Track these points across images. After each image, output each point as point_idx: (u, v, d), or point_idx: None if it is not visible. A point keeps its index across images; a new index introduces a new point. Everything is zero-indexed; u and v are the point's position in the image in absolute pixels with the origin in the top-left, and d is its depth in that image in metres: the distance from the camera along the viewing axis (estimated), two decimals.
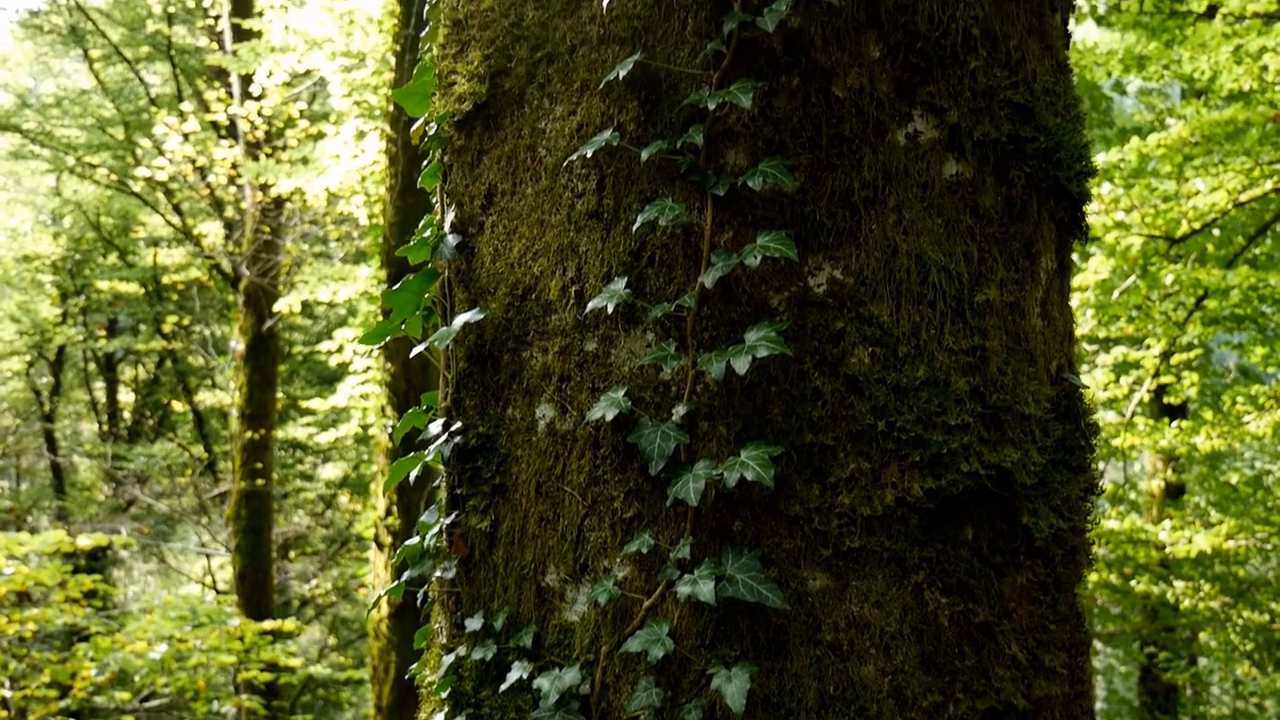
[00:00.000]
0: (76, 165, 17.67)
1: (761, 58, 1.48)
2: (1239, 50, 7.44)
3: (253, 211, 12.57)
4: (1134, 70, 7.48)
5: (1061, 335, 1.65)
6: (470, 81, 1.66)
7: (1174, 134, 8.08)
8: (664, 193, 1.49)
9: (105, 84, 17.53)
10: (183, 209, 16.07)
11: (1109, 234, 8.29)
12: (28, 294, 20.52)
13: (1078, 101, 1.66)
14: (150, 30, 15.69)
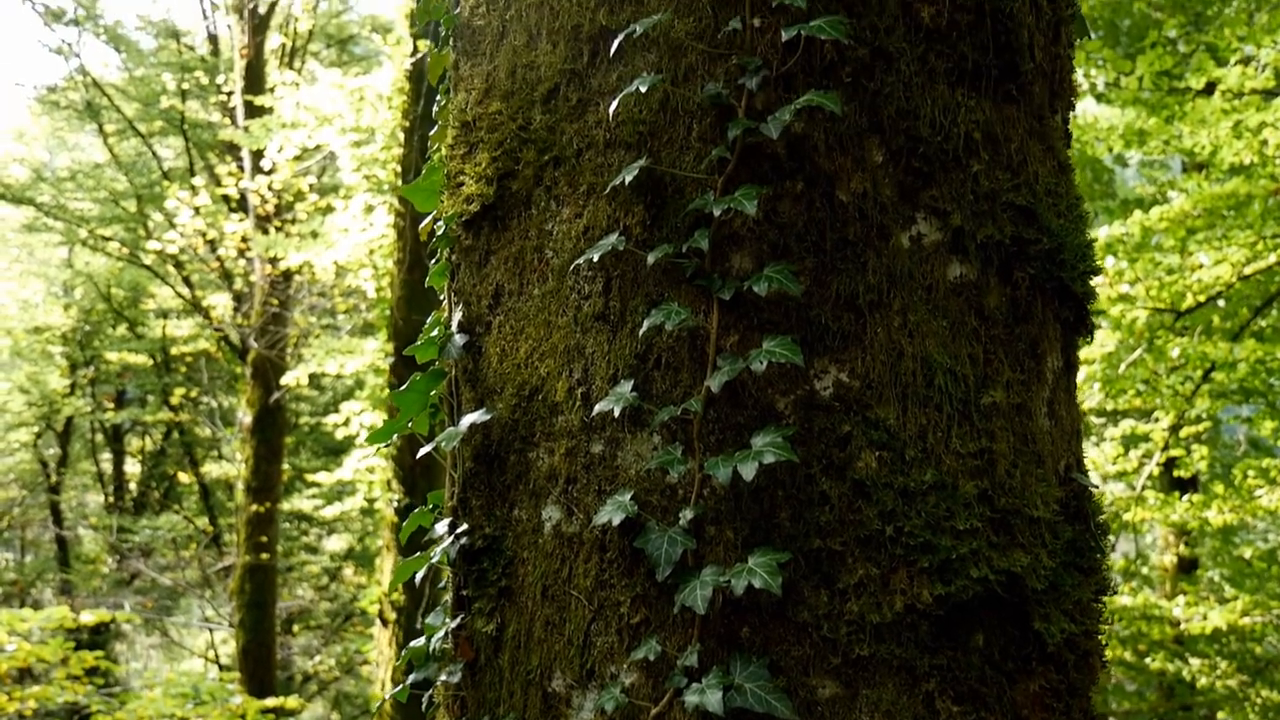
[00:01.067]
0: (89, 238, 17.85)
1: (765, 163, 1.49)
2: (1239, 125, 7.51)
3: (262, 284, 12.66)
4: (1134, 145, 7.55)
5: (1069, 434, 1.64)
6: (478, 183, 1.68)
7: (1176, 207, 8.13)
8: (670, 296, 1.50)
9: (119, 158, 17.78)
10: (193, 281, 16.20)
11: (1114, 307, 8.30)
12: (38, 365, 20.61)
13: (1080, 201, 1.67)
14: (164, 105, 15.95)
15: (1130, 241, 8.02)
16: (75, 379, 20.51)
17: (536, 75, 1.63)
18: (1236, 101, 7.42)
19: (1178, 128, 7.41)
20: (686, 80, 1.53)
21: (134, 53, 17.86)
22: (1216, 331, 9.34)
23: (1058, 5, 1.66)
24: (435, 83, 1.91)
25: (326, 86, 10.74)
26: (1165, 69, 7.37)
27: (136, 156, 18.01)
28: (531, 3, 1.64)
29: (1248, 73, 7.06)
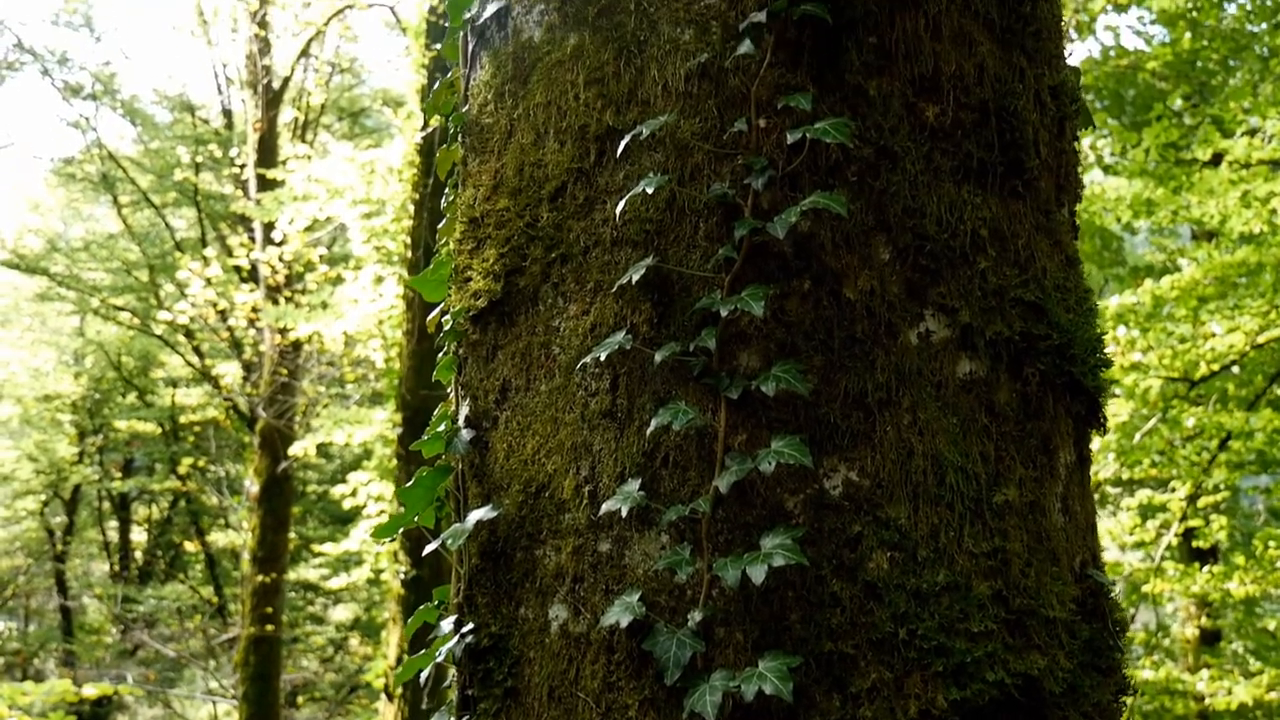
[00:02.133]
0: (101, 307, 17.98)
1: (772, 261, 1.49)
2: (1247, 195, 7.54)
3: (271, 354, 12.71)
4: (1143, 215, 7.58)
5: (1084, 529, 1.62)
6: (486, 279, 1.68)
7: (1187, 276, 8.13)
8: (677, 394, 1.49)
9: (133, 228, 17.97)
10: (203, 350, 16.27)
11: (1127, 376, 8.27)
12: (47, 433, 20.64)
13: (1089, 294, 1.67)
14: (179, 178, 16.16)
15: (1141, 311, 8.01)
16: (84, 447, 20.53)
17: (544, 173, 1.64)
18: (1244, 172, 7.46)
19: (1186, 198, 7.45)
20: (693, 179, 1.53)
21: (150, 126, 18.15)
22: (1232, 400, 9.29)
23: (1061, 101, 1.67)
24: (444, 178, 1.93)
25: (338, 160, 10.88)
26: (1171, 141, 7.42)
27: (150, 227, 18.21)
28: (539, 102, 1.66)
29: (1254, 144, 7.11)
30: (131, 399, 20.09)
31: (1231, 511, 11.03)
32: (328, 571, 15.67)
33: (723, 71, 1.54)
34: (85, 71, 17.81)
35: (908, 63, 1.55)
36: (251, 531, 12.89)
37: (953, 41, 1.58)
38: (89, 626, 20.56)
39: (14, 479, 20.47)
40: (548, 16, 1.68)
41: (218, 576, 18.05)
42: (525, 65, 1.70)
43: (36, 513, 21.44)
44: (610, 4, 1.62)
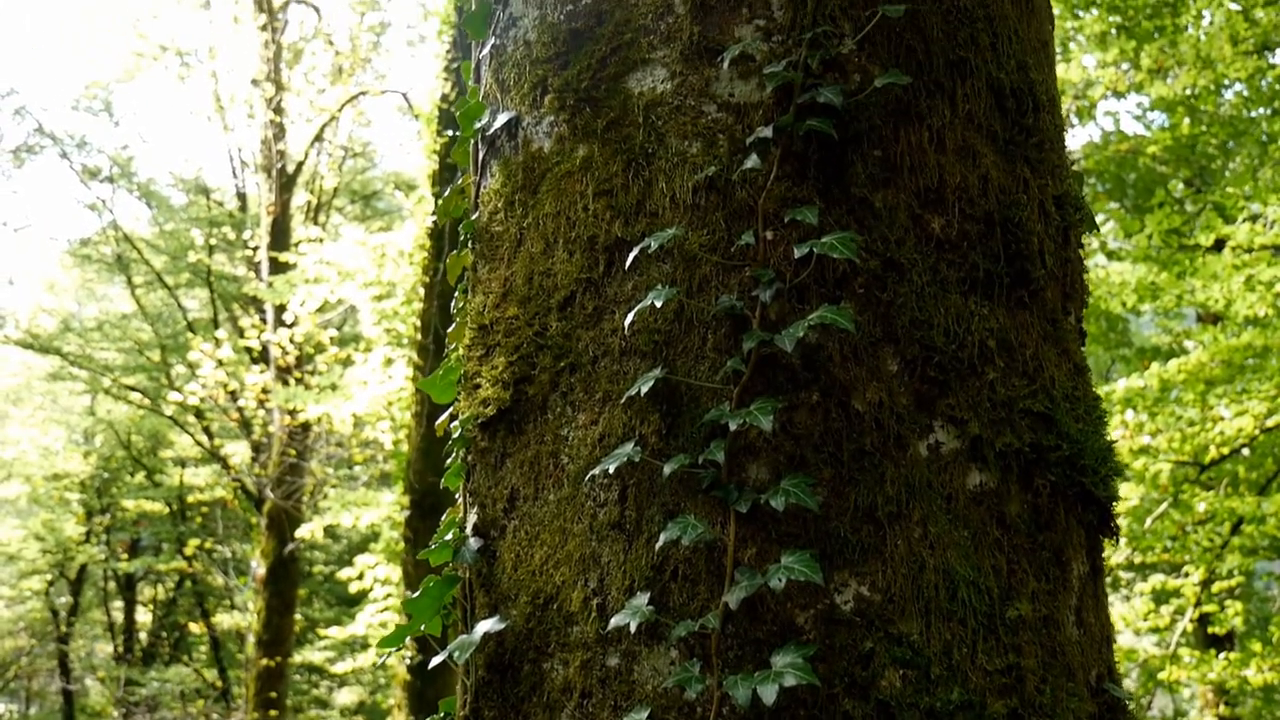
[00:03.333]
0: (112, 386, 18.06)
1: (781, 373, 1.50)
2: (1250, 280, 7.58)
3: (280, 435, 12.72)
4: (1147, 299, 7.61)
5: (1099, 641, 1.60)
6: (494, 387, 1.69)
7: (1194, 359, 8.13)
8: (686, 507, 1.48)
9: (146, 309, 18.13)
10: (212, 430, 16.29)
11: (1136, 460, 8.23)
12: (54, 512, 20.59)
13: (1098, 401, 1.66)
14: (192, 259, 16.34)
15: (1149, 394, 8.00)
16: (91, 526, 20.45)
17: (553, 282, 1.65)
18: (1247, 256, 7.51)
19: (1190, 282, 7.48)
20: (701, 290, 1.55)
21: (165, 208, 18.41)
22: (1243, 483, 9.22)
23: (1065, 211, 1.69)
24: (454, 283, 1.95)
25: (350, 243, 11.01)
26: (1174, 227, 7.48)
27: (163, 308, 18.37)
28: (548, 212, 1.68)
29: (1256, 229, 7.17)
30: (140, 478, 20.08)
31: (1246, 596, 10.88)
32: (333, 654, 15.49)
33: (730, 184, 1.57)
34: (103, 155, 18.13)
35: (913, 175, 1.57)
36: (257, 614, 12.77)
37: (957, 154, 1.60)
38: (91, 709, 20.28)
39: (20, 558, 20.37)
40: (557, 128, 1.71)
41: (222, 659, 17.84)
42: (535, 175, 1.73)
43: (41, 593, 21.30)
44: (619, 117, 1.65)
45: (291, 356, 12.62)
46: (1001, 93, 1.66)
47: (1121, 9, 8.99)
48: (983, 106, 1.63)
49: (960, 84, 1.62)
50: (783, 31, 1.60)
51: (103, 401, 19.52)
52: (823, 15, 1.60)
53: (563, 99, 1.70)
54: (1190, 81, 9.25)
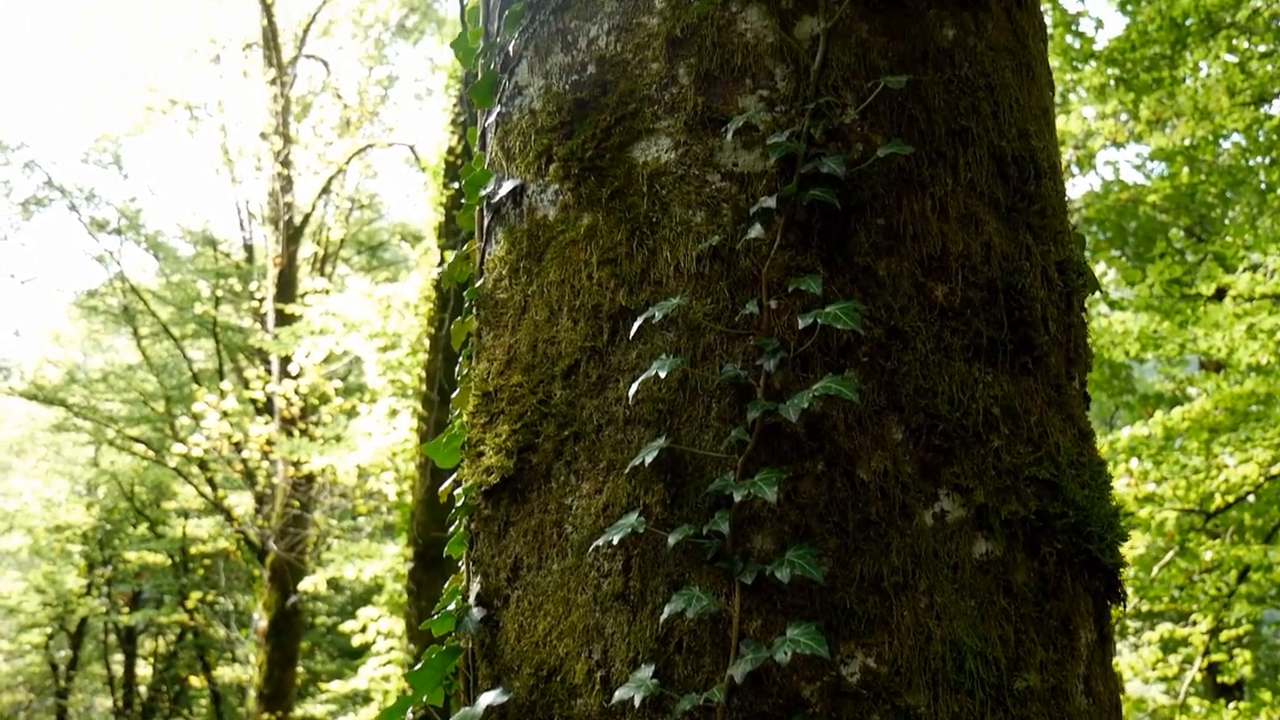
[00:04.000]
0: (117, 437, 18.06)
1: (785, 442, 1.50)
2: (1252, 328, 7.59)
3: (284, 486, 12.69)
4: (1150, 349, 7.62)
5: (1108, 710, 1.58)
6: (498, 454, 1.68)
7: (1197, 407, 8.12)
8: (691, 578, 1.48)
9: (151, 360, 18.17)
10: (216, 481, 16.25)
11: (1142, 508, 8.19)
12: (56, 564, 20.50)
13: (1104, 466, 1.66)
14: (198, 311, 16.40)
15: (1154, 442, 7.98)
16: (92, 579, 20.36)
17: (557, 350, 1.66)
18: (1248, 305, 7.52)
19: (1192, 331, 7.49)
20: (705, 359, 1.55)
21: (172, 259, 18.52)
22: (1249, 531, 9.17)
23: (1068, 277, 1.69)
24: (458, 349, 1.95)
25: (355, 294, 11.05)
26: (1175, 277, 7.50)
27: (168, 359, 18.42)
28: (553, 280, 1.69)
29: (1257, 279, 7.19)
30: (143, 530, 20.01)
31: (1255, 645, 10.77)
32: (335, 708, 15.33)
33: (734, 253, 1.58)
34: (111, 207, 18.29)
35: (916, 243, 1.58)
36: (258, 668, 12.67)
37: (959, 222, 1.61)
38: None
39: (20, 611, 20.25)
40: (562, 196, 1.72)
41: (222, 713, 17.66)
42: (540, 243, 1.74)
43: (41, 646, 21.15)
44: (623, 186, 1.66)
45: (296, 408, 12.62)
46: (1003, 160, 1.67)
47: (1120, 62, 9.09)
48: (985, 174, 1.65)
49: (962, 152, 1.64)
50: (786, 101, 1.62)
51: (106, 453, 19.51)
52: (825, 86, 1.61)
53: (568, 167, 1.72)
54: (1189, 132, 9.32)
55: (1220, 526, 8.57)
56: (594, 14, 1.75)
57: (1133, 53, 9.25)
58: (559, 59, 1.78)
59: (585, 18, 1.76)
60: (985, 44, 1.72)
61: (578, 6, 1.77)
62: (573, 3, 1.78)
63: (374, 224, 18.43)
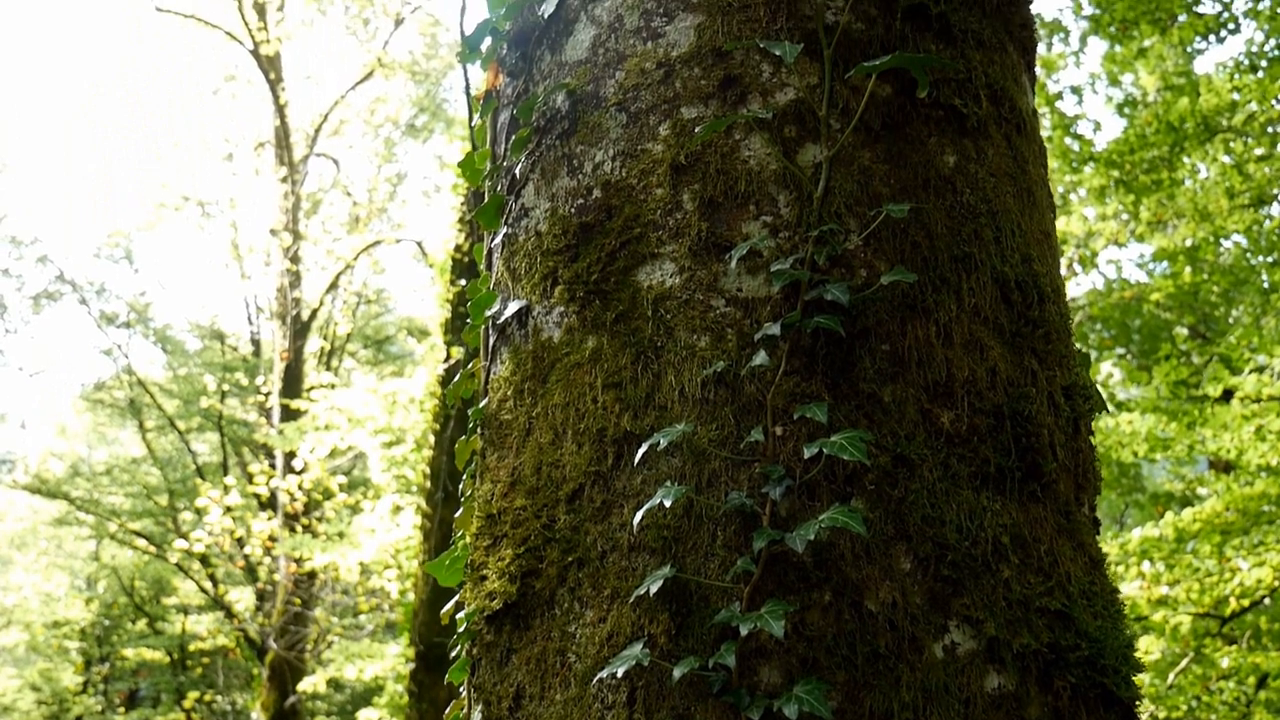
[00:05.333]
0: (119, 531, 17.94)
1: (792, 572, 1.48)
2: (1261, 430, 7.56)
3: (285, 583, 12.56)
4: (1159, 451, 7.58)
5: None
6: (501, 579, 1.66)
7: (1208, 508, 8.05)
8: (696, 712, 1.44)
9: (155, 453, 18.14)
10: (217, 577, 16.09)
11: (1155, 612, 8.06)
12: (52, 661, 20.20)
13: (1116, 595, 1.63)
14: (204, 404, 16.43)
15: (1165, 545, 7.89)
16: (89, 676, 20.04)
17: (561, 474, 1.65)
18: (1255, 406, 7.50)
19: (1200, 432, 7.46)
20: (710, 486, 1.54)
21: (180, 353, 18.63)
22: (1265, 636, 9.01)
23: (1075, 401, 1.69)
24: (461, 469, 1.94)
25: (361, 390, 11.08)
26: (1181, 379, 7.50)
27: (173, 452, 18.40)
28: (557, 403, 1.69)
29: (1264, 380, 7.18)
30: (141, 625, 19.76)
31: None
32: None
33: (739, 379, 1.57)
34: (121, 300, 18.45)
35: (921, 370, 1.58)
36: None
37: (964, 348, 1.61)
38: None
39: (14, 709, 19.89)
40: (567, 319, 1.73)
41: None
42: (544, 364, 1.74)
43: None
44: (628, 310, 1.67)
45: (300, 503, 12.56)
46: (1007, 286, 1.68)
47: (1119, 164, 9.22)
48: (989, 300, 1.65)
49: (966, 278, 1.65)
50: (789, 228, 1.63)
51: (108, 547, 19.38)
52: (828, 212, 1.63)
53: (573, 290, 1.73)
54: (1190, 233, 9.41)
55: (1237, 631, 8.42)
56: (599, 140, 1.78)
57: (1131, 155, 9.40)
58: (565, 183, 1.80)
59: (591, 143, 1.79)
60: (986, 170, 1.74)
61: (583, 132, 1.80)
62: (578, 128, 1.81)
63: (381, 318, 18.55)
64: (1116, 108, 11.73)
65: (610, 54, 1.81)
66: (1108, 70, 11.52)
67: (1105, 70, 11.60)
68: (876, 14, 1.75)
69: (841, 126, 1.67)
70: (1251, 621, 8.62)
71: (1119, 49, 9.69)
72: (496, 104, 2.06)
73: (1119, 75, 11.72)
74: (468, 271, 10.50)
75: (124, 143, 27.39)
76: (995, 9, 1.88)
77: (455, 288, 10.36)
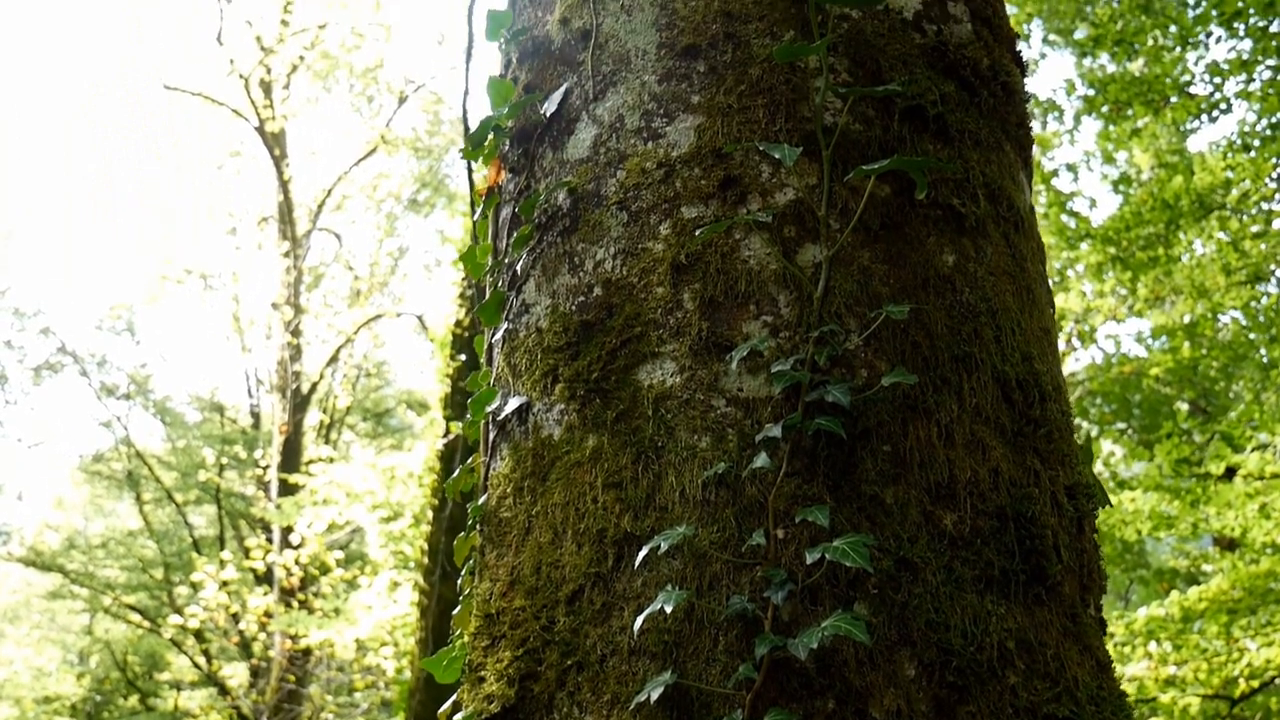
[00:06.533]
0: (113, 605, 17.76)
1: (794, 679, 1.45)
2: (1265, 508, 7.52)
3: (280, 659, 12.38)
4: (1163, 529, 7.54)
5: None
6: (499, 682, 1.64)
7: (1214, 587, 7.98)
8: None
9: (152, 525, 18.01)
10: (211, 652, 15.88)
11: (1164, 693, 7.94)
12: None
13: (1124, 699, 1.61)
14: (202, 477, 16.36)
15: (1171, 625, 7.80)
16: None
17: (561, 575, 1.63)
18: (1258, 484, 7.47)
19: (1204, 510, 7.42)
20: (712, 589, 1.52)
21: (179, 425, 18.59)
22: (1276, 718, 8.86)
23: (1078, 501, 1.68)
24: (460, 565, 1.93)
25: (359, 465, 11.04)
26: (1183, 456, 7.48)
27: (170, 524, 18.28)
28: (557, 502, 1.68)
29: (1266, 458, 7.16)
30: (134, 701, 19.45)
31: None
32: None
33: (740, 480, 1.57)
34: (122, 372, 18.46)
35: (923, 471, 1.57)
36: None
37: (966, 448, 1.61)
38: None
39: None
40: (568, 417, 1.73)
41: None
42: (545, 462, 1.73)
43: None
44: (628, 409, 1.67)
45: (296, 578, 12.44)
46: (1008, 385, 1.68)
47: (1115, 241, 9.30)
48: (990, 399, 1.65)
49: (966, 378, 1.65)
50: (790, 327, 1.64)
51: (101, 620, 19.17)
52: (829, 312, 1.64)
53: (573, 388, 1.73)
54: (1188, 309, 9.46)
55: (1247, 711, 8.28)
56: (600, 238, 1.79)
57: (1128, 232, 9.48)
58: (566, 280, 1.81)
59: (592, 241, 1.80)
60: (985, 269, 1.75)
61: (584, 230, 1.81)
62: (580, 226, 1.82)
63: (380, 391, 18.56)
64: (1112, 184, 11.86)
65: (611, 153, 1.83)
66: (1102, 148, 11.68)
67: (1100, 148, 11.76)
68: (874, 115, 1.78)
69: (841, 226, 1.69)
70: (1262, 703, 8.49)
71: (1113, 128, 9.82)
72: (499, 199, 2.08)
73: (1113, 153, 11.88)
74: (468, 346, 10.53)
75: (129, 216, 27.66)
76: (992, 109, 1.90)
77: (455, 363, 10.38)
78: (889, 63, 1.82)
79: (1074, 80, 10.86)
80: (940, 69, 1.86)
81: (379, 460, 11.07)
